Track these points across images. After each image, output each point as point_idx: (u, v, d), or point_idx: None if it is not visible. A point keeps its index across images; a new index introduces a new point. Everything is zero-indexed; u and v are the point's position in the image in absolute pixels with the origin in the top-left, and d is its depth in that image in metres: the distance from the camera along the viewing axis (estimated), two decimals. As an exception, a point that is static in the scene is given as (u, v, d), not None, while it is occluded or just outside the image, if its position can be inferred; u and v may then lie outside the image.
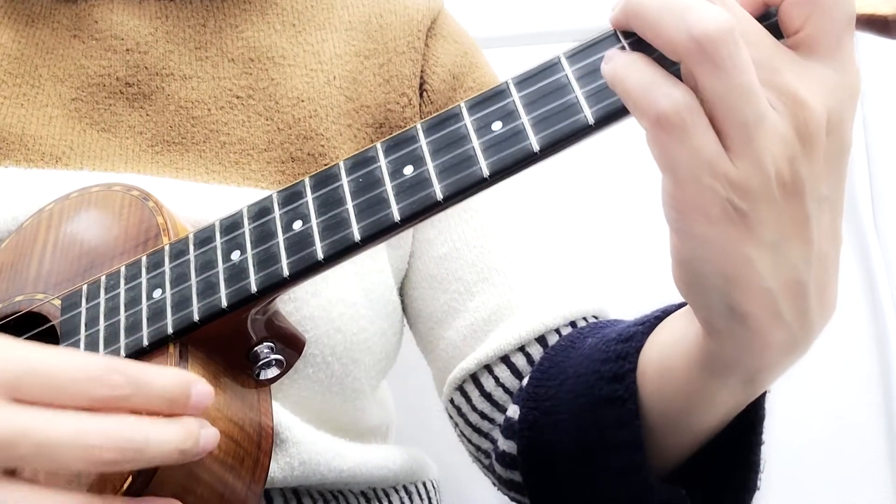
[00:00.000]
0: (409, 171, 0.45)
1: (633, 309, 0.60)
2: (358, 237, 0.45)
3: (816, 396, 0.94)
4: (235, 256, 0.49)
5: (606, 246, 1.00)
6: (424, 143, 0.46)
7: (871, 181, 0.97)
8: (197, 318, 0.48)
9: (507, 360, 0.68)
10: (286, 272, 0.47)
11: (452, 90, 0.75)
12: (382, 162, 0.46)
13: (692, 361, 0.50)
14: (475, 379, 0.70)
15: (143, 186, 0.58)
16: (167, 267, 0.50)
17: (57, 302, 0.54)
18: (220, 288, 0.48)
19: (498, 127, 0.44)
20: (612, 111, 0.42)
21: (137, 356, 0.49)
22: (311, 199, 0.48)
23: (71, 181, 0.62)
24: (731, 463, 0.54)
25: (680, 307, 0.54)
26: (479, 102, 0.45)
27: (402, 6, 0.76)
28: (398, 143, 0.47)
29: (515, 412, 0.63)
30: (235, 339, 0.50)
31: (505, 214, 0.73)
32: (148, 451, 0.41)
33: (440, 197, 0.44)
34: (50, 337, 0.53)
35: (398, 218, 0.45)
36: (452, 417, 0.73)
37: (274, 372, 0.52)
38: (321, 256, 0.46)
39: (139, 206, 0.56)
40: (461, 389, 0.71)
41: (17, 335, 0.53)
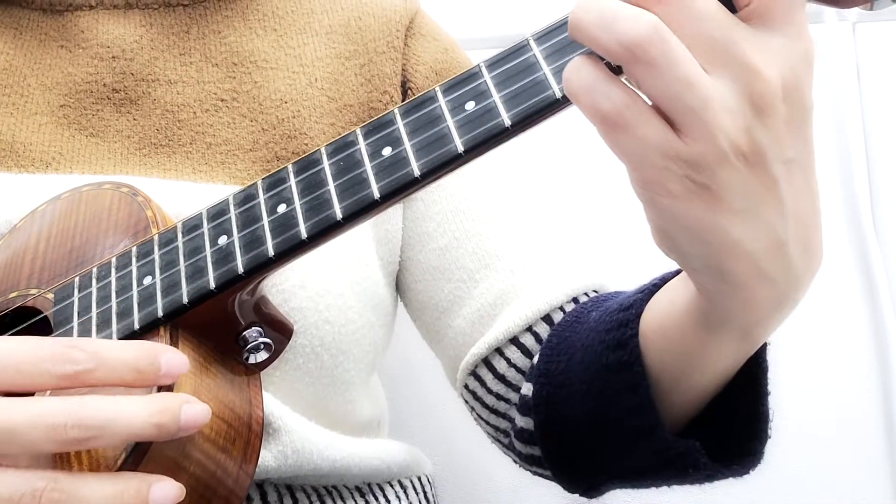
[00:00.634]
0: (387, 151, 0.47)
1: (631, 281, 0.62)
2: (340, 216, 0.47)
3: (816, 396, 0.94)
4: (222, 241, 0.50)
5: (601, 222, 1.01)
6: (401, 125, 0.47)
7: (870, 181, 0.97)
8: (186, 300, 0.49)
9: (516, 341, 0.70)
10: (272, 252, 0.48)
11: None
12: (362, 145, 0.48)
13: (688, 320, 0.52)
14: (487, 363, 0.71)
15: (132, 185, 0.60)
16: (156, 255, 0.52)
17: (50, 295, 0.55)
18: (208, 271, 0.49)
19: (471, 106, 0.46)
20: (578, 85, 0.44)
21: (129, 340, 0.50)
22: (294, 183, 0.49)
23: (62, 184, 0.63)
24: (740, 414, 0.56)
25: (677, 273, 0.56)
26: (453, 85, 0.47)
27: (379, 8, 0.78)
28: (376, 126, 0.48)
29: (529, 389, 0.65)
30: (224, 322, 0.51)
31: (500, 201, 0.75)
32: (116, 426, 0.42)
33: (417, 174, 0.46)
34: (44, 329, 0.54)
35: (378, 196, 0.46)
36: (468, 402, 0.75)
37: (263, 356, 0.53)
38: (305, 236, 0.47)
39: (128, 201, 0.57)
40: (475, 374, 0.72)
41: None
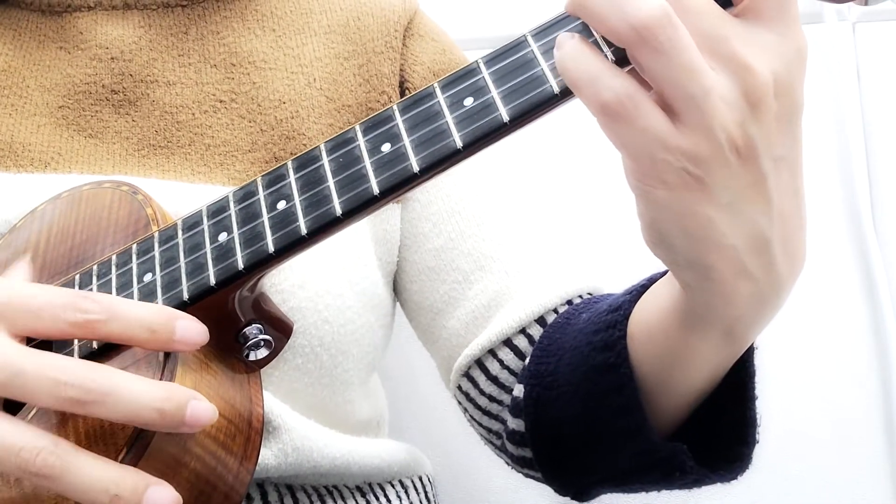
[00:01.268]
0: (386, 147, 0.47)
1: (625, 283, 0.62)
2: (339, 211, 0.47)
3: (816, 396, 0.94)
4: (222, 238, 0.50)
5: (595, 225, 1.01)
6: (400, 121, 0.48)
7: (870, 181, 0.97)
8: (186, 296, 0.49)
9: (509, 342, 0.70)
10: (272, 248, 0.48)
11: None
12: (361, 141, 0.48)
13: (672, 320, 0.52)
14: (480, 364, 0.71)
15: (132, 183, 0.60)
16: (157, 252, 0.52)
17: None
18: (208, 267, 0.50)
19: (469, 102, 0.46)
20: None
21: None
22: (293, 179, 0.50)
23: (61, 184, 0.64)
24: (726, 419, 0.56)
25: (664, 274, 0.56)
26: (451, 81, 0.47)
27: (378, 8, 0.79)
28: (376, 123, 0.49)
29: (521, 391, 0.65)
30: (225, 320, 0.52)
31: (496, 203, 0.75)
32: (117, 398, 0.43)
33: (416, 169, 0.46)
34: None
35: (377, 191, 0.47)
36: (461, 403, 0.75)
37: (263, 353, 0.53)
38: (305, 232, 0.48)
39: (128, 199, 0.58)
40: (468, 375, 0.72)
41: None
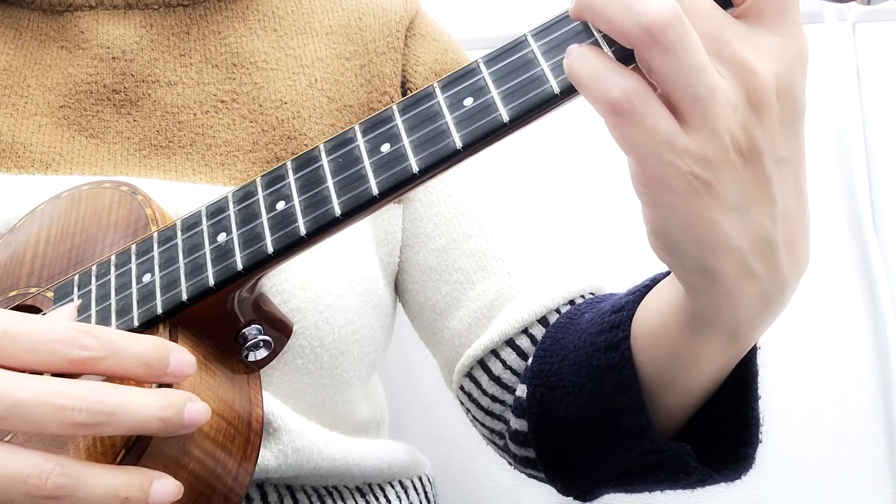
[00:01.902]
0: (385, 148, 0.47)
1: (628, 284, 0.62)
2: (339, 212, 0.47)
3: (816, 396, 0.94)
4: (221, 238, 0.50)
5: (598, 225, 1.01)
6: (400, 121, 0.47)
7: (870, 181, 0.97)
8: (185, 297, 0.49)
9: (511, 343, 0.70)
10: (271, 249, 0.48)
11: None
12: (360, 142, 0.48)
13: (676, 321, 0.52)
14: (483, 364, 0.71)
15: (132, 183, 0.60)
16: (156, 252, 0.52)
17: (49, 294, 0.55)
18: (207, 268, 0.49)
19: (469, 102, 0.46)
20: (577, 81, 0.44)
21: None
22: (293, 180, 0.49)
23: (61, 185, 0.63)
24: (730, 419, 0.56)
25: (667, 274, 0.56)
26: (451, 81, 0.47)
27: (380, 8, 0.79)
28: (375, 123, 0.48)
29: (523, 391, 0.65)
30: (224, 320, 0.51)
31: (498, 203, 0.75)
32: (122, 415, 0.42)
33: (416, 170, 0.46)
34: None
35: (376, 192, 0.46)
36: (464, 404, 0.75)
37: (262, 353, 0.53)
38: (304, 232, 0.48)
39: (128, 199, 0.57)
40: (470, 376, 0.72)
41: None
